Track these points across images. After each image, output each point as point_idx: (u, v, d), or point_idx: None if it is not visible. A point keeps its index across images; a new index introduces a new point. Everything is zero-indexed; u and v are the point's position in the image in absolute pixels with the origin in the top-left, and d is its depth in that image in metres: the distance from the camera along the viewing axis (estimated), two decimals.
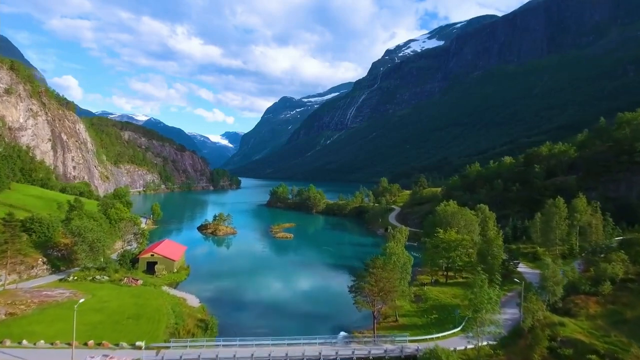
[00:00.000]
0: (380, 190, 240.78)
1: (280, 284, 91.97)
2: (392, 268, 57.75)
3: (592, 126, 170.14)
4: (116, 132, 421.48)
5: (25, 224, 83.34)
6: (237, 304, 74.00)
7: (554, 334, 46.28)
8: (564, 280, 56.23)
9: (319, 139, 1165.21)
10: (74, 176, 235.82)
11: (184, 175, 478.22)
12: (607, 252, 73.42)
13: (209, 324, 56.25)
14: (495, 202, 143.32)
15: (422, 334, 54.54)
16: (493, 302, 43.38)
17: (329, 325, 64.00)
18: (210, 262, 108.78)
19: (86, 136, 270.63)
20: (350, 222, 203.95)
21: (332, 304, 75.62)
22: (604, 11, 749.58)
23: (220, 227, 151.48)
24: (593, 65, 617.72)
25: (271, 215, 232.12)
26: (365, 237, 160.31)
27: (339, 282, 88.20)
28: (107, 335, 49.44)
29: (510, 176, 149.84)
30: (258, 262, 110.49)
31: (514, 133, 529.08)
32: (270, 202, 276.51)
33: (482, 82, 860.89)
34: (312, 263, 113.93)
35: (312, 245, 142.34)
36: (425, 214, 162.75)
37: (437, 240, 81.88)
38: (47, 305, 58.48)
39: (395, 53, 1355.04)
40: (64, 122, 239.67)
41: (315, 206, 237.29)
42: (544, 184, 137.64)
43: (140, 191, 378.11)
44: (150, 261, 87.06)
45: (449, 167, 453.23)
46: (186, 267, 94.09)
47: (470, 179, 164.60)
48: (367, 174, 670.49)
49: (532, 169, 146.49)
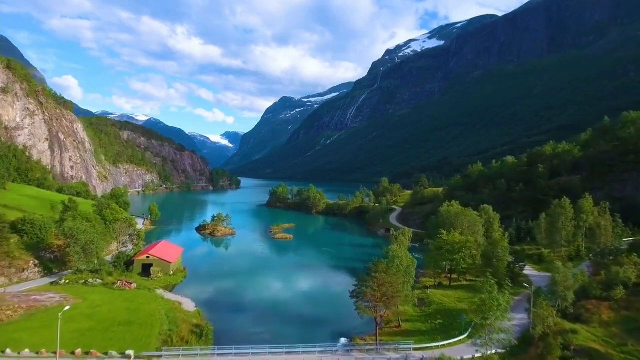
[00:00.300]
0: (381, 191, 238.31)
1: (279, 287, 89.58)
2: (395, 272, 55.35)
3: (596, 125, 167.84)
4: (115, 132, 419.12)
5: (17, 226, 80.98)
6: (235, 308, 71.62)
7: (567, 342, 43.87)
8: (575, 285, 53.82)
9: (319, 139, 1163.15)
10: (72, 176, 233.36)
11: (183, 175, 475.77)
12: (617, 254, 71.05)
13: (204, 331, 53.80)
14: (498, 202, 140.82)
15: (427, 341, 52.15)
16: (503, 308, 40.98)
17: (329, 330, 61.63)
18: (208, 264, 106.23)
19: (84, 136, 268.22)
20: (351, 223, 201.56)
21: (333, 308, 73.25)
22: (604, 11, 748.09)
23: (219, 227, 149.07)
24: (593, 65, 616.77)
25: (271, 216, 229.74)
26: (365, 237, 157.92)
27: (340, 285, 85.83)
28: (97, 343, 47.03)
29: (513, 176, 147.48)
30: (256, 264, 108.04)
31: (514, 133, 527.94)
32: (270, 202, 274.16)
33: (482, 82, 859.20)
34: (312, 264, 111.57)
35: (312, 246, 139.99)
36: (427, 214, 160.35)
37: (440, 241, 79.45)
38: (35, 310, 56.09)
39: (395, 53, 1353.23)
40: (62, 122, 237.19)
41: (315, 206, 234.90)
42: (548, 184, 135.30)
43: (139, 191, 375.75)
44: (145, 263, 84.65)
45: (449, 167, 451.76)
46: (183, 269, 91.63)
47: (473, 179, 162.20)
48: (367, 174, 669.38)
49: (535, 169, 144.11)
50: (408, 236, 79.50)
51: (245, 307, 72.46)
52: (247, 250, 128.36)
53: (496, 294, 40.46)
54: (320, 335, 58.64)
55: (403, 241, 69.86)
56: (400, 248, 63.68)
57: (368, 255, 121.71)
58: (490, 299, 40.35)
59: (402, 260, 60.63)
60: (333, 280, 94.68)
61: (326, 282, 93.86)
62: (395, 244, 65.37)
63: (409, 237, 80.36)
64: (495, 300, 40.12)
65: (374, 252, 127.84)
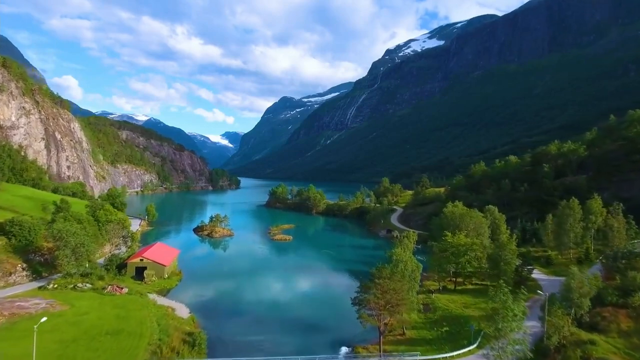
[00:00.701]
0: (382, 191, 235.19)
1: (278, 290, 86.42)
2: (400, 278, 52.25)
3: (601, 124, 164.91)
4: (114, 132, 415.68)
5: (5, 227, 77.84)
6: (231, 314, 68.49)
7: (586, 354, 40.81)
8: (591, 292, 50.69)
9: (319, 139, 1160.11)
10: (69, 176, 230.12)
11: (182, 175, 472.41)
12: (630, 257, 67.94)
13: (196, 340, 50.63)
14: (502, 203, 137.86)
15: (433, 351, 49.06)
16: (518, 319, 37.84)
17: (329, 338, 58.52)
18: (205, 267, 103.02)
19: (81, 135, 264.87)
20: (351, 223, 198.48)
21: (333, 313, 70.09)
22: (605, 11, 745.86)
23: (217, 228, 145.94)
24: (593, 65, 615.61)
25: (270, 216, 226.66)
26: (366, 239, 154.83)
27: (340, 288, 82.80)
28: (80, 355, 43.89)
29: (517, 176, 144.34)
30: (254, 267, 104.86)
31: (515, 133, 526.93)
32: (270, 202, 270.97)
33: (482, 82, 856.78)
34: (312, 267, 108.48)
35: (312, 248, 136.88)
36: (429, 215, 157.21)
37: (445, 244, 76.27)
38: (18, 318, 52.95)
39: (395, 53, 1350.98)
40: (58, 121, 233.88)
41: (315, 207, 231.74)
42: (553, 184, 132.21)
43: (137, 191, 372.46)
44: (139, 266, 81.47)
45: (450, 167, 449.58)
46: (178, 272, 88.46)
47: (476, 179, 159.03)
48: (367, 174, 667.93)
49: (540, 169, 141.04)
50: (413, 239, 76.11)
51: (242, 313, 69.36)
52: (245, 251, 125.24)
53: (510, 303, 37.33)
54: (321, 343, 55.61)
55: (408, 244, 66.61)
56: (404, 252, 60.49)
57: (369, 257, 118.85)
58: (504, 309, 37.23)
59: (407, 264, 57.49)
60: (333, 283, 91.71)
61: (326, 285, 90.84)
62: (399, 247, 62.14)
63: (414, 240, 76.98)
64: (509, 310, 36.99)
65: (375, 253, 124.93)
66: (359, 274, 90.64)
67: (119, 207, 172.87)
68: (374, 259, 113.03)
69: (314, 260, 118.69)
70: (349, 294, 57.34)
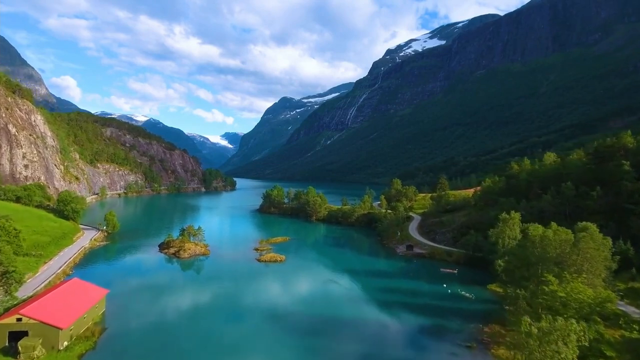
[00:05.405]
0: (394, 194, 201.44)
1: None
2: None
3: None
4: (95, 128, 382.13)
5: None
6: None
7: None
8: None
9: (319, 139, 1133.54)
10: (26, 176, 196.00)
11: (172, 176, 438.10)
12: None
13: None
14: (563, 213, 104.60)
15: None
16: None
17: None
18: (149, 314, 67.02)
19: (45, 129, 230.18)
20: (358, 233, 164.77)
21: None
22: (610, 8, 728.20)
23: (187, 245, 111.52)
24: (600, 64, 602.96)
25: (262, 224, 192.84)
26: (382, 258, 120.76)
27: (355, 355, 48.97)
28: None
29: (580, 177, 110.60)
30: (227, 316, 69.79)
31: (521, 132, 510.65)
32: (264, 207, 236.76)
33: (485, 81, 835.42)
34: (311, 314, 72.96)
35: (311, 274, 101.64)
36: (463, 226, 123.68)
37: (547, 296, 42.29)
38: None
39: (396, 52, 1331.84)
40: (14, 112, 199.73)
41: (315, 213, 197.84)
42: (637, 187, 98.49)
43: (120, 193, 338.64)
44: (15, 331, 47.58)
45: (456, 167, 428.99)
46: (92, 335, 54.11)
47: (520, 181, 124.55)
48: (368, 175, 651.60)
49: (610, 167, 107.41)
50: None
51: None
52: (217, 284, 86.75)
53: None
54: None
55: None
56: None
57: (393, 293, 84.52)
58: None
59: None
60: (344, 347, 57.52)
61: (334, 350, 56.63)
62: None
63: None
64: None
65: (397, 284, 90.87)
66: (384, 327, 57.18)
67: (69, 215, 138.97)
68: (406, 297, 78.89)
69: (315, 298, 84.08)
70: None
